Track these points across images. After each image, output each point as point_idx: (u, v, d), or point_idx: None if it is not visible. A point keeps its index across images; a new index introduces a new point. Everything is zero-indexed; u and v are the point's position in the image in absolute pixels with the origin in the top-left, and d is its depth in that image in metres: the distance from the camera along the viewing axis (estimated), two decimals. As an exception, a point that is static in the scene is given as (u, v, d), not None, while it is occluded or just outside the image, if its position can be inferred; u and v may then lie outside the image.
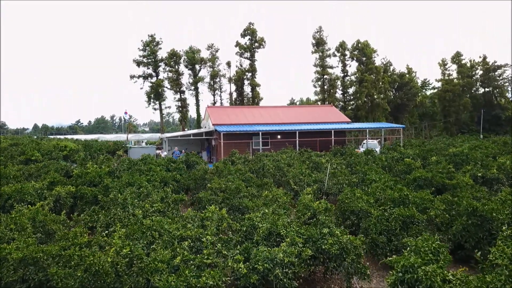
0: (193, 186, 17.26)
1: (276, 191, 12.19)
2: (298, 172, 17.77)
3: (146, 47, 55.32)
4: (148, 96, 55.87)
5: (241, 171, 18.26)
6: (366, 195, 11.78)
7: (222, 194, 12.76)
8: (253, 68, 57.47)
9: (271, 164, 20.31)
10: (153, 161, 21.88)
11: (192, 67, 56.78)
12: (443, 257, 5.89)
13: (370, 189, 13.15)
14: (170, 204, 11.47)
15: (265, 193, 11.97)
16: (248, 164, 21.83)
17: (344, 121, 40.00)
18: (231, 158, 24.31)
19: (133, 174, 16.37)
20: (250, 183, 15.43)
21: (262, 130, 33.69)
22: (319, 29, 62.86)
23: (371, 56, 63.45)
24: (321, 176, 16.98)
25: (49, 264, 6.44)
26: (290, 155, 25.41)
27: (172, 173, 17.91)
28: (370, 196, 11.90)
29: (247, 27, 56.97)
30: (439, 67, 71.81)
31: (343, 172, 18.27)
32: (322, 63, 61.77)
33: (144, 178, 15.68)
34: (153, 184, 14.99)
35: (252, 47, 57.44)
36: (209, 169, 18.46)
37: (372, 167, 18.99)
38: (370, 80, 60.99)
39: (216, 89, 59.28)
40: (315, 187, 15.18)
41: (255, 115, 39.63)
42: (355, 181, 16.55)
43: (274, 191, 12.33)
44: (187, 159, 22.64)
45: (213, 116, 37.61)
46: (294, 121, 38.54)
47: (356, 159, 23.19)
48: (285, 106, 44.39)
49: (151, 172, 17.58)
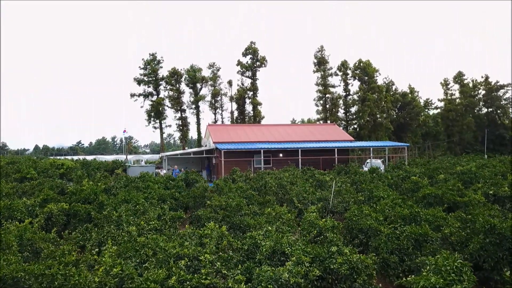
0: (192, 204, 16.73)
1: (279, 209, 11.66)
2: (302, 190, 17.24)
3: (147, 65, 55.46)
4: (148, 114, 55.69)
5: (242, 188, 17.72)
6: (375, 212, 11.23)
7: (222, 211, 12.21)
8: (255, 87, 57.40)
9: (274, 182, 19.78)
10: (151, 179, 21.37)
11: (193, 86, 56.76)
12: (466, 277, 5.35)
13: (378, 206, 12.58)
14: (168, 222, 10.93)
15: (268, 210, 11.43)
16: (250, 182, 21.29)
17: (347, 139, 39.57)
18: (232, 176, 23.78)
19: (130, 191, 15.84)
20: (251, 201, 14.90)
21: (264, 147, 33.25)
22: (321, 48, 63.13)
23: (373, 75, 63.50)
24: (325, 194, 16.43)
25: (31, 285, 5.89)
26: (292, 173, 24.89)
27: (171, 191, 17.39)
28: (378, 213, 11.35)
29: (248, 46, 57.23)
30: (441, 86, 72.19)
31: (349, 190, 17.74)
32: (324, 82, 61.76)
33: (141, 195, 15.15)
34: (151, 202, 14.47)
35: (254, 66, 57.51)
36: (208, 187, 17.92)
37: (379, 185, 18.45)
38: (373, 99, 60.83)
39: (217, 107, 59.07)
40: (319, 205, 14.61)
41: (256, 133, 39.25)
42: (362, 199, 16.01)
43: (277, 208, 11.79)
44: (187, 177, 22.12)
45: (214, 134, 37.23)
46: (296, 139, 38.12)
47: (361, 177, 22.66)
48: (287, 124, 44.10)
49: (148, 190, 17.06)
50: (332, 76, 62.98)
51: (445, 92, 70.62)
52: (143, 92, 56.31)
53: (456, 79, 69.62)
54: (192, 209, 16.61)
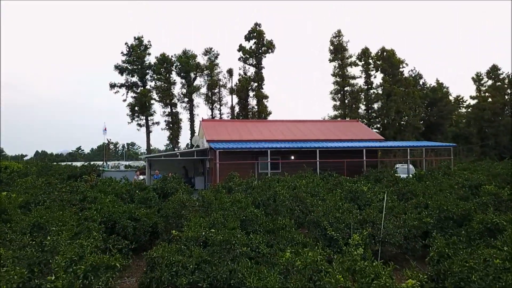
0: (162, 229, 11.65)
1: (308, 253, 6.40)
2: (332, 206, 12.10)
3: (131, 51, 50.65)
4: (131, 109, 50.78)
5: (240, 203, 12.58)
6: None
7: (198, 252, 7.06)
8: (260, 76, 52.61)
9: (287, 193, 14.62)
10: (113, 186, 16.40)
11: (185, 75, 52.13)
12: None
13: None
14: (80, 279, 5.79)
15: (287, 255, 6.20)
16: (252, 193, 16.01)
17: (375, 138, 34.39)
18: (228, 183, 18.62)
19: (59, 208, 10.76)
20: (253, 226, 9.76)
21: (272, 147, 28.13)
22: (338, 33, 58.30)
23: (399, 66, 58.74)
24: (371, 214, 11.26)
25: None
26: (311, 180, 19.74)
27: (130, 207, 12.31)
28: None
29: (252, 28, 52.63)
30: (473, 82, 67.73)
31: (402, 207, 12.67)
32: (342, 72, 56.83)
33: (74, 215, 10.09)
34: (87, 227, 9.41)
35: (259, 51, 52.92)
36: (189, 201, 12.74)
37: (448, 198, 13.24)
38: (400, 93, 55.78)
39: (214, 101, 54.40)
40: (365, 233, 9.47)
41: (261, 130, 34.21)
42: (430, 221, 11.05)
43: (304, 252, 6.53)
44: (164, 185, 17.00)
45: (208, 131, 32.23)
46: (311, 137, 33.00)
47: (407, 186, 17.50)
48: (299, 120, 38.85)
49: (96, 205, 11.99)
50: (352, 66, 58.26)
51: (478, 88, 66.37)
52: (126, 83, 51.57)
53: (489, 74, 65.02)
54: (162, 235, 11.56)
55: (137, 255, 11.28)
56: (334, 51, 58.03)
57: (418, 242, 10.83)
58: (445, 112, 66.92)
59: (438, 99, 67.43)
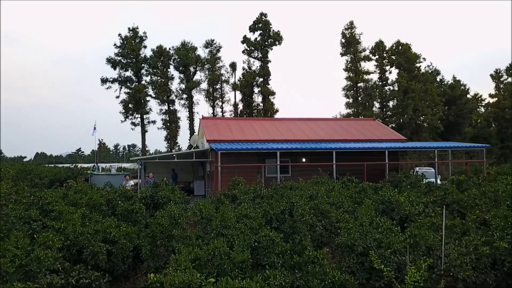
0: (147, 253, 9.24)
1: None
2: (367, 224, 9.67)
3: (125, 43, 48.34)
4: (125, 106, 48.42)
5: (250, 219, 10.14)
6: None
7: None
8: (266, 71, 50.26)
9: (305, 205, 12.15)
10: (90, 194, 14.00)
11: (184, 69, 49.91)
12: None
13: None
14: None
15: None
16: (262, 204, 13.50)
17: (396, 138, 31.96)
18: (232, 191, 16.17)
19: (7, 228, 8.34)
20: (270, 257, 7.30)
21: (282, 148, 25.75)
22: (350, 25, 56.00)
23: (415, 61, 56.45)
24: (427, 237, 8.81)
25: None
26: (331, 188, 17.30)
27: (109, 223, 9.89)
28: None
29: (258, 18, 50.32)
30: (492, 79, 65.39)
31: (459, 224, 10.28)
32: (355, 67, 54.49)
33: (25, 237, 7.71)
34: (37, 257, 7.02)
35: (264, 43, 50.55)
36: (183, 216, 10.28)
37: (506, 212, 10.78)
38: (418, 90, 53.34)
39: (216, 98, 52.21)
40: (424, 266, 7.06)
41: (269, 130, 31.93)
42: (505, 245, 8.70)
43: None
44: (154, 193, 14.54)
45: (208, 130, 29.96)
46: (325, 138, 30.67)
47: (447, 195, 15.04)
48: (310, 118, 36.48)
49: (60, 221, 9.57)
50: (365, 61, 55.93)
51: (497, 86, 64.29)
52: (119, 78, 49.39)
53: (509, 71, 62.66)
54: (147, 262, 9.19)
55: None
56: (346, 44, 55.75)
57: (489, 274, 8.41)
58: (465, 111, 64.54)
59: (457, 96, 65.15)
